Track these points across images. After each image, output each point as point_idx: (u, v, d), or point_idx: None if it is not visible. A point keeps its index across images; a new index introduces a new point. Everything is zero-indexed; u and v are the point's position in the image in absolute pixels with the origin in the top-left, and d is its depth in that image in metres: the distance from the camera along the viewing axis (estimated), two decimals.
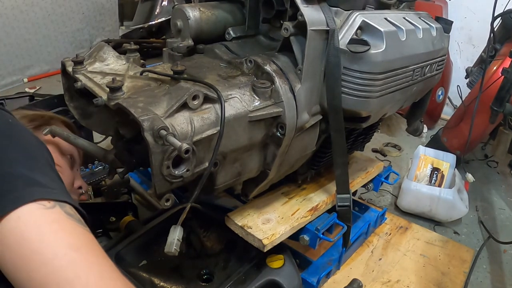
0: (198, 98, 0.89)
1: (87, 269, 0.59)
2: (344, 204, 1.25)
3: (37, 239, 0.58)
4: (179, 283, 1.19)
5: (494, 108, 1.71)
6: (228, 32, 1.18)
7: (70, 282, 0.57)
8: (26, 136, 0.72)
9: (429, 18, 1.30)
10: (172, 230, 0.91)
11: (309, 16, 0.99)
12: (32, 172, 0.65)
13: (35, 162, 0.68)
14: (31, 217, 0.59)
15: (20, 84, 3.12)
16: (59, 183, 0.69)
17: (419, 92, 1.36)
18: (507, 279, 1.54)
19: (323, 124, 1.17)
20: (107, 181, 1.74)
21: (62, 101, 1.24)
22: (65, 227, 0.62)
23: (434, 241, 1.63)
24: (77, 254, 0.59)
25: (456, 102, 2.90)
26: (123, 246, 1.22)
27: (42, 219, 0.60)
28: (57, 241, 0.59)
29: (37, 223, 0.59)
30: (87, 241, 0.64)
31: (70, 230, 0.62)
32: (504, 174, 2.31)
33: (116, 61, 1.07)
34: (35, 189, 0.62)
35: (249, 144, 1.01)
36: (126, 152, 1.03)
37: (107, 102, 0.89)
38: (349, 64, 1.04)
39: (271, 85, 1.00)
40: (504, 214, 1.95)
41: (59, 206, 0.63)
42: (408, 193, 1.81)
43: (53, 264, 0.57)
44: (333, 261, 1.38)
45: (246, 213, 1.21)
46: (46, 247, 0.58)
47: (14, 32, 2.98)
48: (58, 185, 0.68)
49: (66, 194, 0.67)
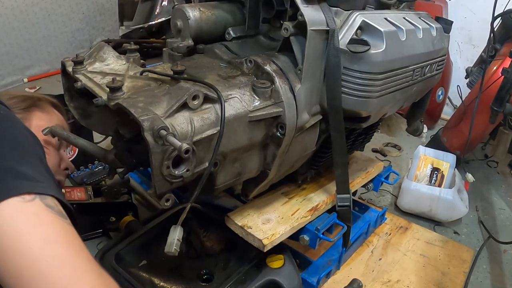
0: (198, 98, 0.89)
1: (62, 262, 0.60)
2: (344, 204, 1.25)
3: (13, 232, 0.59)
4: (179, 283, 1.19)
5: (494, 108, 1.71)
6: (228, 32, 1.18)
7: (44, 275, 0.57)
8: (17, 128, 0.72)
9: (429, 18, 1.30)
10: (172, 230, 0.91)
11: (309, 16, 0.99)
12: (20, 165, 0.65)
13: (24, 154, 0.68)
14: (10, 211, 0.60)
15: (20, 84, 3.11)
16: (46, 176, 0.69)
17: (419, 92, 1.36)
18: (507, 279, 1.54)
19: (323, 124, 1.17)
20: (107, 181, 1.74)
21: (62, 101, 1.24)
22: (44, 220, 0.62)
23: (434, 241, 1.63)
24: (52, 247, 0.60)
25: (456, 102, 2.90)
26: (123, 246, 1.23)
27: (20, 213, 0.60)
28: (33, 235, 0.60)
29: (14, 217, 0.60)
30: (65, 233, 0.63)
31: (48, 223, 0.62)
32: (504, 174, 2.31)
33: (116, 61, 1.07)
34: (20, 183, 0.63)
35: (249, 144, 1.01)
36: (126, 152, 1.03)
37: (107, 102, 0.89)
38: (349, 64, 1.04)
39: (271, 85, 1.00)
40: (504, 214, 1.95)
41: (39, 198, 0.63)
42: (408, 193, 1.81)
43: (28, 257, 0.58)
44: (333, 261, 1.38)
45: (246, 213, 1.21)
46: (22, 240, 0.59)
47: (14, 32, 2.98)
48: (46, 177, 0.68)
49: (53, 187, 0.67)
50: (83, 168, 1.84)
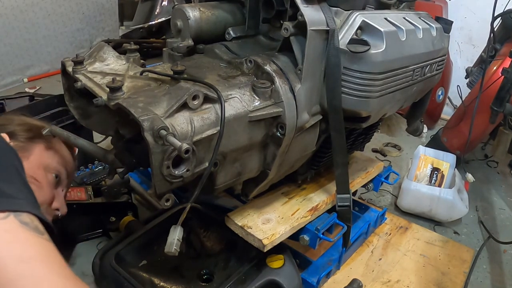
0: (198, 98, 0.89)
1: (38, 280, 0.58)
2: (344, 204, 1.25)
3: None
4: (179, 283, 1.19)
5: (494, 108, 1.71)
6: (228, 32, 1.18)
7: None
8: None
9: (429, 18, 1.30)
10: (172, 230, 0.91)
11: (309, 16, 0.99)
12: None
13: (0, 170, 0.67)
14: None
15: (20, 84, 3.11)
16: (25, 192, 0.67)
17: (419, 92, 1.36)
18: (507, 279, 1.54)
19: (323, 124, 1.17)
20: (107, 181, 1.74)
21: (62, 101, 1.24)
22: (18, 237, 0.60)
23: (434, 241, 1.63)
24: (28, 265, 0.58)
25: (456, 102, 2.90)
26: (123, 246, 1.23)
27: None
28: (7, 253, 0.58)
29: None
30: (42, 250, 0.62)
31: (22, 240, 0.61)
32: (504, 174, 2.31)
33: (116, 61, 1.07)
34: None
35: (249, 144, 1.01)
36: (126, 152, 1.03)
37: (107, 102, 0.89)
38: (349, 64, 1.04)
39: (271, 85, 1.00)
40: (504, 214, 1.95)
41: (13, 215, 0.62)
42: (408, 193, 1.81)
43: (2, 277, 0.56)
44: (333, 261, 1.38)
45: (246, 213, 1.21)
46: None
47: (14, 32, 2.98)
48: (24, 194, 0.67)
49: (30, 202, 0.66)
50: (83, 168, 1.84)
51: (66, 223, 1.43)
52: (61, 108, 1.73)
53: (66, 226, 1.40)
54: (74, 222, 1.46)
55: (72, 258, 1.42)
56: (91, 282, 1.31)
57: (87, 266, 1.32)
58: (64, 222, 1.41)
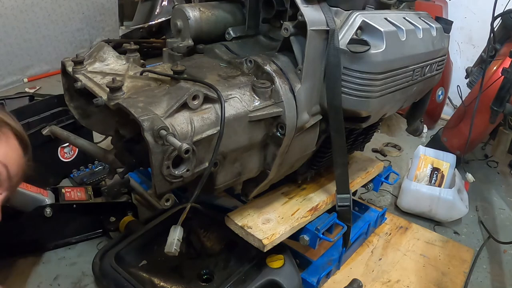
0: (198, 98, 0.89)
1: None
2: (344, 204, 1.25)
3: None
4: (179, 283, 1.19)
5: (494, 108, 1.71)
6: (228, 32, 1.18)
7: None
8: None
9: (429, 18, 1.30)
10: (172, 230, 0.91)
11: (309, 16, 0.99)
12: None
13: None
14: None
15: (20, 84, 3.11)
16: None
17: (419, 92, 1.36)
18: (507, 279, 1.53)
19: (323, 124, 1.17)
20: (107, 181, 1.74)
21: (62, 101, 1.24)
22: None
23: (434, 241, 1.63)
24: None
25: (456, 102, 2.90)
26: (123, 246, 1.23)
27: None
28: None
29: None
30: None
31: None
32: (504, 174, 2.31)
33: (116, 61, 1.07)
34: None
35: (249, 144, 1.01)
36: (126, 152, 1.03)
37: (107, 102, 0.89)
38: (349, 64, 1.04)
39: (271, 85, 1.00)
40: (504, 214, 1.94)
41: None
42: (408, 193, 1.81)
43: None
44: (333, 261, 1.38)
45: (246, 213, 1.21)
46: None
47: (14, 32, 2.98)
48: None
49: None
50: (83, 168, 1.84)
51: (66, 223, 1.43)
52: (61, 108, 1.73)
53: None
54: (74, 222, 1.46)
55: (69, 259, 1.42)
56: (91, 282, 1.31)
57: (87, 266, 1.32)
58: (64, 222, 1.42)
